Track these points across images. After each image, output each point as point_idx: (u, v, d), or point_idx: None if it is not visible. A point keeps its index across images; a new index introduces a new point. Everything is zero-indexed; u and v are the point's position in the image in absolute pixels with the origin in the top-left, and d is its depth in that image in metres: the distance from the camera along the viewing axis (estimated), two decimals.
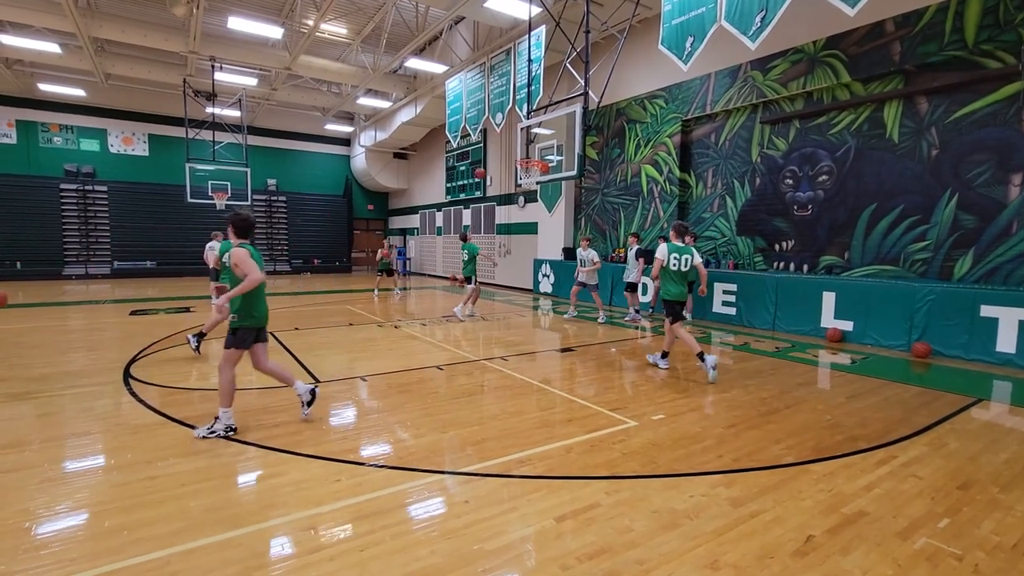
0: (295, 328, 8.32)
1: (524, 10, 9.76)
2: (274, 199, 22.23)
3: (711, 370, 5.42)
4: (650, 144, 11.60)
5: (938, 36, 7.06)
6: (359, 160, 22.96)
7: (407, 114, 17.76)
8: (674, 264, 5.83)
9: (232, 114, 17.99)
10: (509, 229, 16.46)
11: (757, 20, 6.42)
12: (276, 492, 2.96)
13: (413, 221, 23.53)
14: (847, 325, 7.68)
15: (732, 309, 9.29)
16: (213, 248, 11.71)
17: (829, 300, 7.90)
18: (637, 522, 2.67)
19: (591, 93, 7.97)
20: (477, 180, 17.36)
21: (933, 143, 7.41)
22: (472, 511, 2.77)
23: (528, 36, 9.85)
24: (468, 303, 10.21)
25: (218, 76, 15.00)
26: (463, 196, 18.90)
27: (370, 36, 13.75)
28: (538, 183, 10.62)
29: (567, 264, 13.23)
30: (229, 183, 16.64)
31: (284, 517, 2.68)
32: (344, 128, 22.16)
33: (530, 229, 15.49)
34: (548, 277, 13.97)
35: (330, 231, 23.52)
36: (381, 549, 2.41)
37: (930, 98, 7.44)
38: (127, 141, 19.39)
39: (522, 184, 11.01)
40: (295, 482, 3.08)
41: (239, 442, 3.69)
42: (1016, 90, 6.61)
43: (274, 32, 12.12)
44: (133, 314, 9.47)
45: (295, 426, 4.01)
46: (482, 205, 17.77)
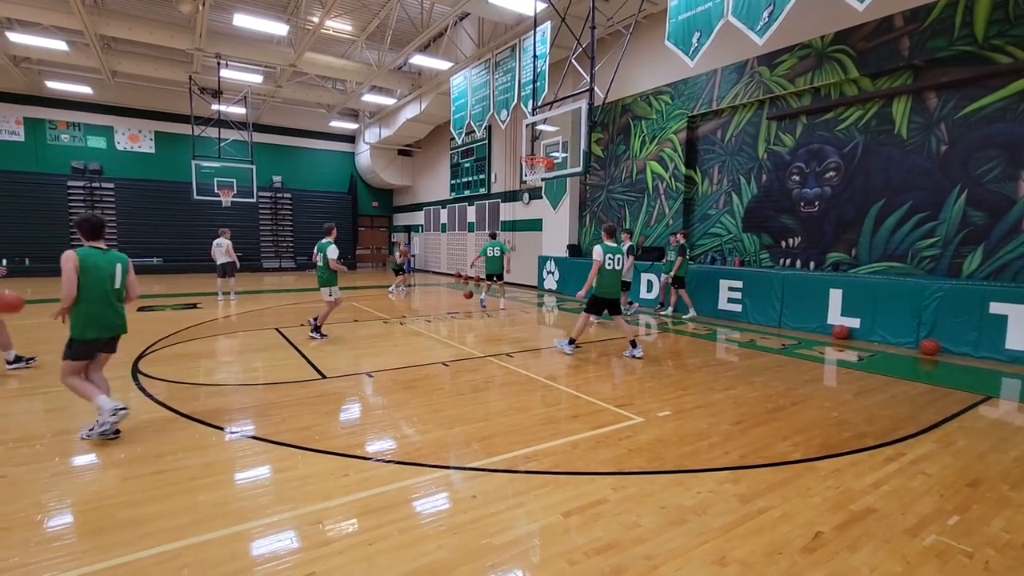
0: (301, 324, 8.35)
1: (529, 6, 9.71)
2: (279, 196, 22.29)
3: (631, 355, 6.25)
4: (656, 140, 11.55)
5: (948, 31, 7.00)
6: (364, 157, 22.99)
7: (412, 111, 17.75)
8: (609, 263, 6.25)
9: (238, 111, 18.03)
10: (514, 226, 16.45)
11: (765, 15, 6.37)
12: (284, 486, 2.98)
13: (418, 218, 23.56)
14: (854, 322, 7.64)
15: (738, 306, 9.25)
16: (220, 244, 11.83)
17: (836, 297, 7.85)
18: (644, 518, 2.67)
19: (596, 89, 7.94)
20: (483, 184, 17.45)
21: (942, 139, 7.34)
22: (479, 506, 2.77)
23: (533, 32, 9.81)
24: (500, 298, 11.00)
25: (224, 73, 15.03)
26: (468, 193, 18.90)
27: (375, 33, 13.75)
28: (543, 180, 10.62)
29: (572, 261, 13.21)
30: (235, 180, 16.69)
31: (292, 511, 2.70)
32: (349, 125, 22.16)
33: (535, 226, 15.47)
34: (553, 274, 13.96)
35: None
36: (389, 543, 2.42)
37: (939, 93, 7.36)
38: (134, 138, 19.47)
39: (527, 181, 11.02)
40: (303, 477, 3.10)
41: (247, 437, 3.72)
42: None
43: (279, 29, 12.13)
44: (140, 310, 9.53)
45: (302, 421, 4.03)
46: (487, 202, 17.77)
